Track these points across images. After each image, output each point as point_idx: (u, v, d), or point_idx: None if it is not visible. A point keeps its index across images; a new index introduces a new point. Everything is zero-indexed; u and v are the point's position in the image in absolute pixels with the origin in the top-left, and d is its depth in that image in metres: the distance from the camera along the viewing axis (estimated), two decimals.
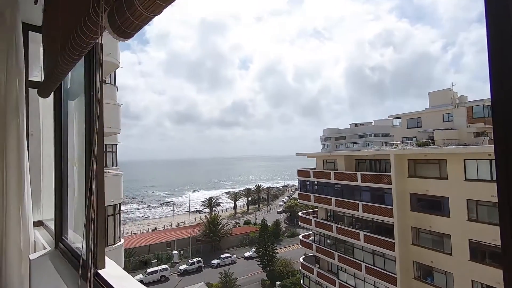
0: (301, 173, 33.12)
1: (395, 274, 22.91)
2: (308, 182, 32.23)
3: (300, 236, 35.69)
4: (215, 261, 43.33)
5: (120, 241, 11.83)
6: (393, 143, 30.77)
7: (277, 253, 41.67)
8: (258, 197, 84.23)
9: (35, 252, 1.98)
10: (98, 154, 1.35)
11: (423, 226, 21.89)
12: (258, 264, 40.59)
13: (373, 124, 75.14)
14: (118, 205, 11.93)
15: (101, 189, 1.44)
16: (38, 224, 2.64)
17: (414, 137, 32.08)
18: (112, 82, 17.85)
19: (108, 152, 18.08)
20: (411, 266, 22.70)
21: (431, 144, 26.76)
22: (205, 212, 67.50)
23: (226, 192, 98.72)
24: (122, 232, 12.64)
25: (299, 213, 35.83)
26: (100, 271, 1.55)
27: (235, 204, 78.10)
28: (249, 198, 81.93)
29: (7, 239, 1.79)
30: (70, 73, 1.88)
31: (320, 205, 31.02)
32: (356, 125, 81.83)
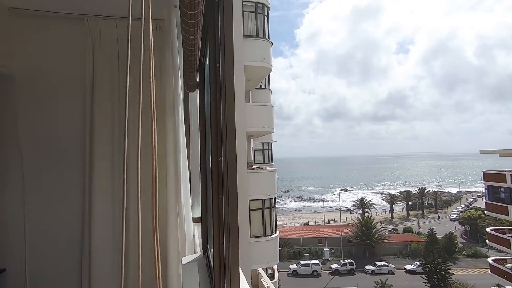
0: (490, 176, 25.08)
1: None
2: (502, 189, 23.99)
3: (490, 260, 27.13)
4: (369, 267, 40.07)
5: (276, 232, 12.60)
6: None
7: (452, 274, 33.59)
8: (422, 202, 71.50)
9: (194, 252, 1.99)
10: (229, 150, 1.01)
11: None
12: (424, 282, 34.20)
13: None
14: (274, 199, 12.72)
15: (233, 196, 1.08)
16: (199, 220, 2.77)
17: None
18: (266, 87, 19.63)
19: (265, 150, 20.04)
20: None
21: None
22: (356, 213, 64.03)
23: (380, 193, 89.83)
24: (277, 224, 13.45)
25: (488, 229, 27.31)
26: None
27: (391, 207, 69.64)
28: (410, 203, 70.80)
29: (168, 238, 1.81)
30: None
31: None
32: None
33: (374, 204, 66.01)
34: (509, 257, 25.03)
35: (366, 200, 64.12)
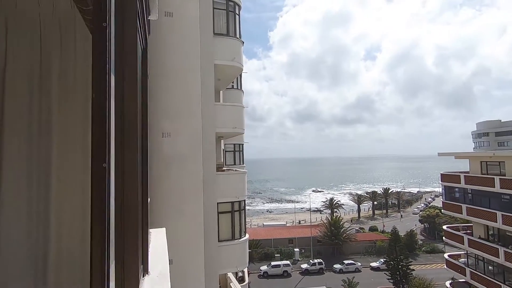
0: (446, 177, 26.83)
1: None
2: (457, 189, 25.75)
3: (446, 255, 29.06)
4: (337, 266, 41.19)
5: (245, 236, 12.33)
6: None
7: (413, 269, 35.49)
8: (386, 201, 75.14)
9: None
10: (127, 151, 0.73)
11: None
12: (388, 279, 35.79)
13: None
14: (243, 201, 12.46)
15: (132, 221, 0.77)
16: None
17: None
18: (238, 87, 19.34)
19: (236, 151, 19.71)
20: None
21: None
22: (325, 213, 65.71)
23: (348, 194, 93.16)
24: (246, 226, 13.19)
25: (445, 227, 29.21)
26: None
27: (358, 207, 72.45)
28: (375, 202, 74.14)
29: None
30: None
31: (476, 220, 24.15)
32: None
33: (343, 205, 68.22)
34: (463, 252, 26.93)
35: (335, 200, 66.04)
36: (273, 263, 40.91)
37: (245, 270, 17.75)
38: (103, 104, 0.77)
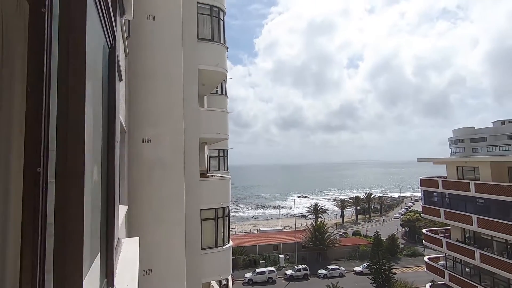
0: (425, 182, 27.70)
1: None
2: (435, 194, 26.61)
3: (426, 258, 29.82)
4: (322, 271, 41.36)
5: (228, 243, 12.16)
6: None
7: (395, 273, 36.17)
8: (368, 206, 76.65)
9: None
10: (70, 154, 0.65)
11: None
12: (371, 283, 36.27)
13: None
14: (227, 208, 12.32)
15: (75, 249, 0.67)
16: None
17: None
18: (223, 92, 19.30)
19: (221, 157, 19.57)
20: None
21: None
22: (310, 218, 66.14)
23: (332, 199, 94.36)
24: (230, 233, 13.02)
25: (424, 230, 30.05)
26: None
27: (342, 212, 73.45)
28: (358, 207, 75.48)
29: None
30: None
31: (453, 223, 25.01)
32: (503, 122, 64.21)
33: (327, 210, 68.97)
34: (442, 255, 27.75)
35: (319, 206, 66.65)
36: (258, 270, 40.54)
37: (229, 278, 17.46)
38: (39, 100, 0.69)
